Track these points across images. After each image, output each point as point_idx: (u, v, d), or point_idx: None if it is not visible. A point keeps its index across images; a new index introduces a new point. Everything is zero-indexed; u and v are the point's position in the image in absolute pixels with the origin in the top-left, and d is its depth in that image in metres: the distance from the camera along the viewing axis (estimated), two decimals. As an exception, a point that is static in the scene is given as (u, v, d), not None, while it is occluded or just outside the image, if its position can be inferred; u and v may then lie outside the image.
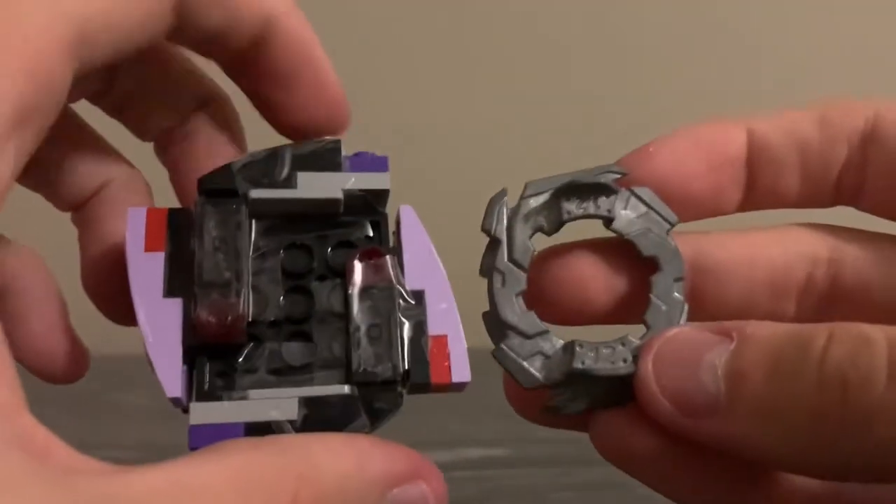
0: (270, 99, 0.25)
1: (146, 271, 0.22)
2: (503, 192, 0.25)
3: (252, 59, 0.25)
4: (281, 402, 0.21)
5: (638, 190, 0.25)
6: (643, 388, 0.23)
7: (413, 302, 0.23)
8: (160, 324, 0.21)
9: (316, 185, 0.23)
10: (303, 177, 0.23)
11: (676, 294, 0.25)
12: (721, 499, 0.24)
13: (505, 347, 0.24)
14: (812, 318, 0.25)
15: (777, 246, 0.26)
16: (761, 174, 0.26)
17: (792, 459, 0.21)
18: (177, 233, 0.22)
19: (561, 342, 0.24)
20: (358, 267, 0.23)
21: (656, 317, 0.25)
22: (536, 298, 0.25)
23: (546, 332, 0.24)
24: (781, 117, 0.26)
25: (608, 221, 0.25)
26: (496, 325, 0.24)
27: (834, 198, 0.26)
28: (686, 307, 0.25)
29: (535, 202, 0.25)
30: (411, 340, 0.22)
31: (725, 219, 0.26)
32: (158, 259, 0.22)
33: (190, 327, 0.21)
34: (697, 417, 0.22)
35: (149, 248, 0.22)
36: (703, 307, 0.26)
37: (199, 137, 0.26)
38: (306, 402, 0.21)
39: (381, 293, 0.22)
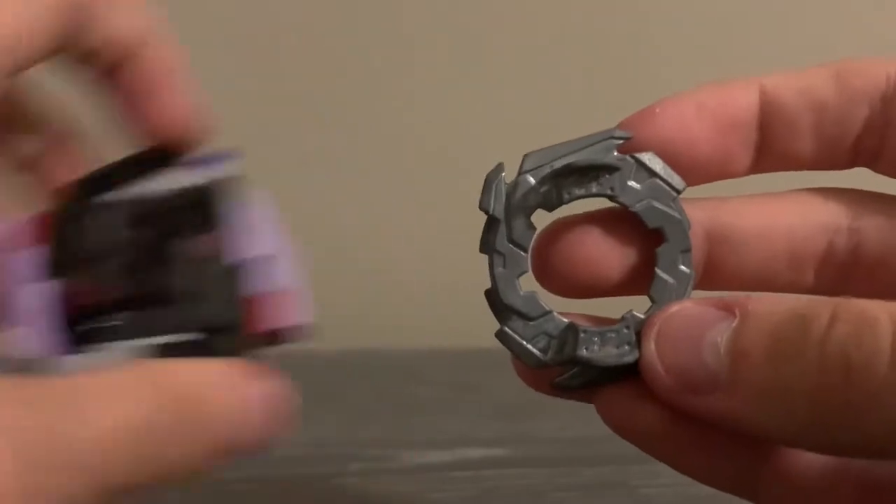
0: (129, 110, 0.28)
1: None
2: (500, 168, 0.25)
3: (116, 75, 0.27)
4: (138, 350, 0.24)
5: (642, 156, 0.25)
6: (647, 366, 0.23)
7: (249, 262, 0.25)
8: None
9: (151, 185, 0.27)
10: (145, 179, 0.27)
11: (683, 267, 0.25)
12: (727, 473, 0.24)
13: (508, 330, 0.24)
14: (831, 288, 0.26)
15: (797, 215, 0.26)
16: (774, 136, 0.26)
17: (793, 437, 0.21)
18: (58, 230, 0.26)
19: (565, 321, 0.24)
20: (188, 243, 0.26)
21: (662, 291, 0.24)
22: (545, 275, 0.25)
23: (549, 312, 0.24)
24: (795, 76, 0.26)
25: (612, 197, 0.25)
26: (498, 306, 0.25)
27: (850, 160, 0.26)
28: (692, 280, 0.25)
29: (533, 178, 0.25)
30: (239, 292, 0.25)
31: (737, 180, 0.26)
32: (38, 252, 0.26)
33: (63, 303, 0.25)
34: (699, 394, 0.22)
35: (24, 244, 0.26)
36: (719, 277, 0.26)
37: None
38: (161, 349, 0.24)
39: (211, 261, 0.25)
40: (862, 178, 0.26)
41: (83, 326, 0.25)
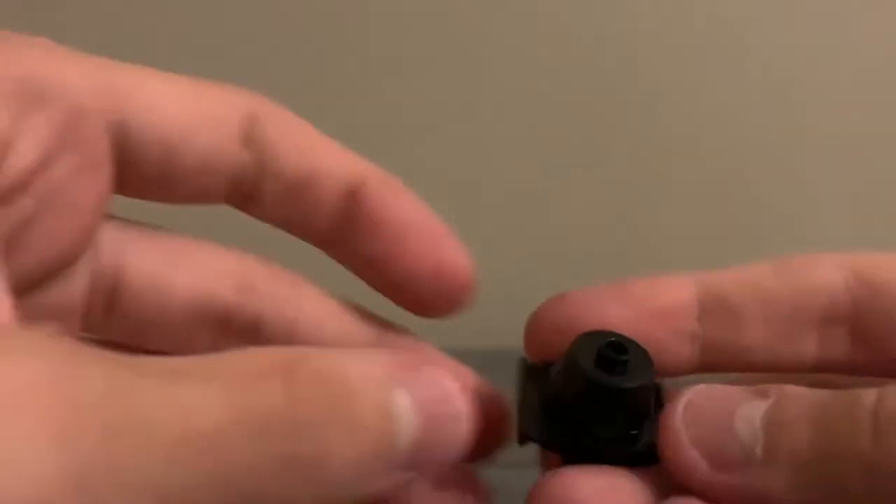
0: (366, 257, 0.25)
1: None
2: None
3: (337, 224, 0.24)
4: None
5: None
6: (670, 442, 0.21)
7: None
8: None
9: None
10: None
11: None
12: None
13: None
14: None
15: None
16: (718, 326, 0.24)
17: None
18: None
19: None
20: None
21: None
22: None
23: None
24: (734, 270, 0.25)
25: None
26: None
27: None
28: None
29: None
30: None
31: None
32: None
33: None
34: (731, 471, 0.21)
35: None
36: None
37: None
38: None
39: None
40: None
41: None
